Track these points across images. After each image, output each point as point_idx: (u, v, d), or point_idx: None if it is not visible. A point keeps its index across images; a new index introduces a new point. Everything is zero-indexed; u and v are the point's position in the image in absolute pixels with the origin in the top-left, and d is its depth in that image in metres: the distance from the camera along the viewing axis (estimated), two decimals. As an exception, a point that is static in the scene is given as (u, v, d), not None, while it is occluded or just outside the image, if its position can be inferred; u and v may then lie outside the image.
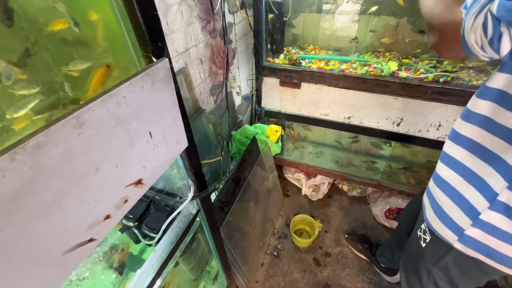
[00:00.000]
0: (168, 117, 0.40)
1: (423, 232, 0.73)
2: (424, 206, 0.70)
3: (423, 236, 0.72)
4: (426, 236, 0.71)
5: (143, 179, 0.38)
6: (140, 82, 0.32)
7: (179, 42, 0.97)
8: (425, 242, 0.71)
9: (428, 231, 0.69)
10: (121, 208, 0.35)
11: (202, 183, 0.62)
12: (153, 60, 0.37)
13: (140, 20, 0.34)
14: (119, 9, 0.32)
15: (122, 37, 0.34)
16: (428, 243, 0.70)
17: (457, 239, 0.60)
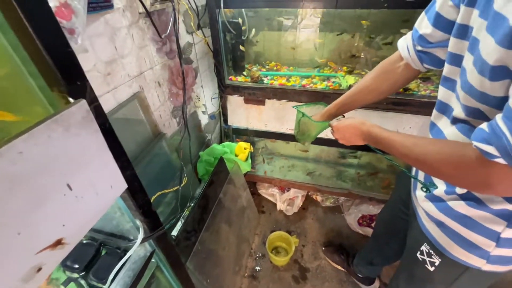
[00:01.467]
0: (95, 163, 0.35)
1: (427, 255, 0.66)
2: (430, 233, 0.64)
3: (429, 259, 0.66)
4: (433, 259, 0.65)
5: (63, 238, 0.32)
6: (45, 132, 0.28)
7: (131, 66, 0.92)
8: (434, 265, 0.65)
9: (437, 254, 0.63)
10: (33, 280, 0.29)
11: (155, 221, 0.57)
12: (70, 101, 0.33)
13: (48, 62, 0.29)
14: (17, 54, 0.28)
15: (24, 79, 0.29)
16: (438, 267, 0.65)
17: (485, 262, 0.56)
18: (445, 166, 0.46)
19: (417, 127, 1.19)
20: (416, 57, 0.64)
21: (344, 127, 0.70)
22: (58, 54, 0.31)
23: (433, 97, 1.12)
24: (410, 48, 0.65)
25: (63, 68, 0.31)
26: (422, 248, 0.68)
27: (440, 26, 0.57)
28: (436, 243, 0.63)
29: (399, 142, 0.53)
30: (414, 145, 0.50)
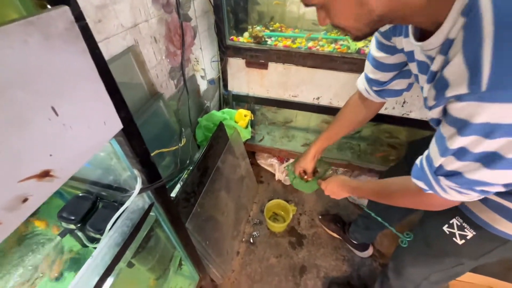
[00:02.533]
0: (84, 89, 0.31)
1: (457, 228, 0.65)
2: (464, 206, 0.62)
3: (460, 232, 0.65)
4: (466, 232, 0.63)
5: (52, 170, 0.29)
6: (20, 34, 0.23)
7: (124, 15, 0.84)
8: (465, 238, 0.64)
9: (472, 226, 0.61)
10: (18, 210, 0.26)
11: (153, 173, 0.54)
12: (50, 11, 0.27)
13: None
14: None
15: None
16: (470, 240, 0.63)
17: None
18: (401, 199, 0.62)
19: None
20: (376, 95, 0.73)
21: (332, 186, 0.85)
22: None
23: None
24: (368, 89, 0.73)
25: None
26: (452, 221, 0.65)
27: (383, 68, 0.65)
28: (475, 217, 0.60)
29: (370, 189, 0.71)
30: (380, 188, 0.67)
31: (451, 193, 0.46)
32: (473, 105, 0.34)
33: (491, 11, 0.32)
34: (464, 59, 0.35)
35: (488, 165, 0.38)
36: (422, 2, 0.38)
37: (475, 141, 0.37)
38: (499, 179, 0.39)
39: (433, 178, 0.47)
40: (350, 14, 0.42)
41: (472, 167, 0.40)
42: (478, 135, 0.36)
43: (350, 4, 0.40)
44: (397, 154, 1.57)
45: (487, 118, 0.34)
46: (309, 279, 1.30)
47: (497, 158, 0.37)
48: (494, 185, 0.41)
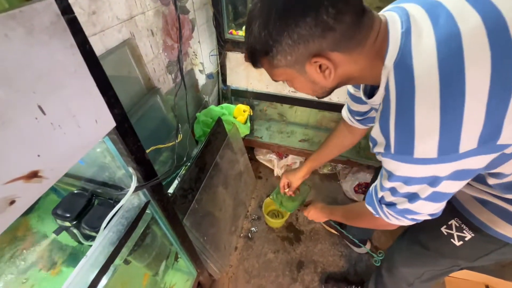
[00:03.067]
0: (73, 87, 0.30)
1: (456, 229, 0.65)
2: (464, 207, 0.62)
3: (458, 233, 0.65)
4: (464, 234, 0.63)
5: (40, 171, 0.28)
6: (0, 28, 0.21)
7: (119, 7, 0.82)
8: (463, 240, 0.64)
9: (471, 228, 0.62)
10: (5, 213, 0.25)
11: (149, 171, 0.53)
12: (35, 4, 0.26)
13: None
14: None
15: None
16: (468, 241, 0.63)
17: None
18: (362, 221, 0.70)
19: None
20: (359, 124, 0.78)
21: (313, 213, 0.95)
22: None
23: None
24: (351, 119, 0.79)
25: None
26: (450, 223, 0.65)
27: (360, 101, 0.69)
28: (474, 219, 0.60)
29: (341, 213, 0.82)
30: (346, 213, 0.80)
31: (391, 218, 0.56)
32: (392, 162, 0.44)
33: (394, 91, 0.41)
34: (379, 127, 0.44)
35: (411, 200, 0.49)
36: (360, 73, 0.46)
37: (399, 185, 0.48)
38: (421, 209, 0.50)
39: (378, 205, 0.57)
40: (308, 89, 0.51)
41: (401, 201, 0.51)
42: (400, 182, 0.47)
43: (306, 84, 0.49)
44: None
45: (404, 173, 0.44)
46: (307, 274, 1.31)
47: (416, 196, 0.48)
48: (420, 213, 0.52)
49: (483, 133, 0.36)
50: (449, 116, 0.36)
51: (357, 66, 0.45)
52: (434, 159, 0.39)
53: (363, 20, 0.41)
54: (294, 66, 0.45)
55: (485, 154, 0.39)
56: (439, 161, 0.39)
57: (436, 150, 0.38)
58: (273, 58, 0.44)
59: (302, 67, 0.45)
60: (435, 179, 0.42)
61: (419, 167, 0.41)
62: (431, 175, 0.42)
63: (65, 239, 0.68)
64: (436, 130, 0.37)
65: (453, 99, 0.35)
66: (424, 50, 0.38)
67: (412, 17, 0.41)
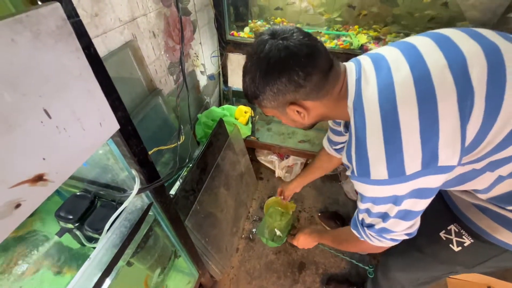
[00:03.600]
0: (78, 90, 0.30)
1: (455, 235, 0.65)
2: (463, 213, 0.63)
3: (457, 239, 0.65)
4: (463, 240, 0.63)
5: (45, 174, 0.28)
6: (6, 33, 0.21)
7: (122, 8, 0.82)
8: (462, 245, 0.64)
9: (470, 234, 0.62)
10: (11, 216, 0.26)
11: (151, 173, 0.53)
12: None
13: None
14: None
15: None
16: (467, 247, 0.63)
17: None
18: (349, 245, 0.71)
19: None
20: (336, 152, 0.89)
21: (302, 240, 0.94)
22: None
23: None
24: (329, 148, 0.90)
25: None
26: (449, 228, 0.66)
27: (339, 133, 0.80)
28: (474, 226, 0.60)
29: (330, 238, 0.82)
30: (334, 237, 0.80)
31: (373, 240, 0.60)
32: (359, 184, 0.51)
33: (354, 126, 0.49)
34: (346, 155, 0.53)
35: (384, 220, 0.54)
36: (332, 113, 0.57)
37: (370, 206, 0.54)
38: (395, 228, 0.54)
39: (361, 228, 0.61)
40: (291, 124, 0.62)
41: (377, 221, 0.56)
42: (369, 202, 0.53)
43: (289, 121, 0.61)
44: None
45: (370, 193, 0.51)
46: (308, 276, 1.31)
47: (387, 216, 0.53)
48: (395, 232, 0.55)
49: (424, 158, 0.43)
50: (391, 145, 0.44)
51: (328, 108, 0.55)
52: (386, 180, 0.46)
53: (330, 75, 0.51)
54: (277, 108, 0.56)
55: (433, 174, 0.45)
56: (392, 182, 0.46)
57: (386, 173, 0.46)
58: (261, 102, 0.56)
59: (284, 110, 0.56)
60: (396, 198, 0.49)
61: (379, 188, 0.48)
62: (391, 195, 0.48)
63: (67, 241, 0.68)
64: (383, 156, 0.45)
65: (391, 133, 0.44)
66: (370, 94, 0.47)
67: (363, 67, 0.51)
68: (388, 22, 1.23)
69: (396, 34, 1.20)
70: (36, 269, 0.59)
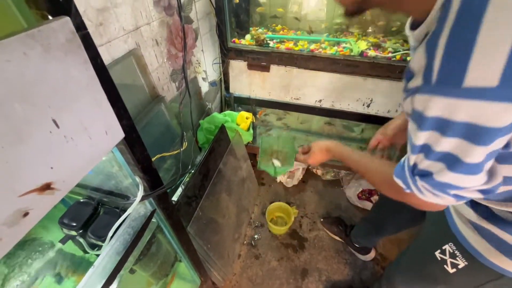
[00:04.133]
0: (85, 100, 0.31)
1: (450, 256, 0.61)
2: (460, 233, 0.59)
3: (452, 260, 0.61)
4: (457, 261, 0.60)
5: (52, 182, 0.29)
6: (19, 47, 0.22)
7: (126, 18, 0.84)
8: (456, 267, 0.60)
9: (464, 256, 0.58)
10: (19, 225, 0.26)
11: (155, 180, 0.53)
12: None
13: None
14: None
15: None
16: (462, 270, 0.59)
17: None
18: (383, 185, 0.58)
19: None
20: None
21: (315, 155, 0.81)
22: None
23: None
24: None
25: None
26: (444, 247, 0.62)
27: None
28: (468, 246, 0.57)
29: (354, 160, 0.66)
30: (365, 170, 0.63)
31: (427, 194, 0.45)
32: (426, 98, 0.35)
33: (458, 6, 0.31)
34: (425, 49, 0.35)
35: (450, 167, 0.38)
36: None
37: (432, 136, 0.37)
38: (466, 183, 0.39)
39: (410, 177, 0.46)
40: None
41: (438, 167, 0.40)
42: (433, 129, 0.36)
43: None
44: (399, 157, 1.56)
45: (438, 112, 0.34)
46: (311, 283, 1.30)
47: (456, 161, 0.37)
48: (465, 188, 0.40)
49: None
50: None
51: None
52: (490, 90, 0.30)
53: None
54: None
55: None
56: (496, 96, 0.30)
57: (498, 76, 0.29)
58: None
59: None
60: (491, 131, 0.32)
61: (465, 103, 0.31)
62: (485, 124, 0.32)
63: (69, 247, 0.68)
64: (505, 50, 0.28)
65: None
66: None
67: None
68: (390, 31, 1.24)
69: (396, 41, 1.21)
70: (39, 276, 0.59)
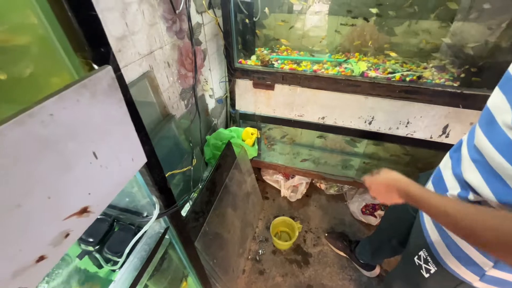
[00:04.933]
0: (118, 133, 0.35)
1: (423, 261, 0.65)
2: (429, 238, 0.63)
3: (425, 265, 0.65)
4: (429, 267, 0.64)
5: (89, 206, 0.32)
6: (74, 96, 0.27)
7: (141, 44, 0.90)
8: (429, 272, 0.64)
9: (434, 262, 0.62)
10: (61, 245, 0.30)
11: (169, 199, 0.57)
12: (94, 68, 0.32)
13: (72, 22, 0.28)
14: (42, 9, 0.27)
15: (51, 43, 0.28)
16: (433, 275, 0.64)
17: (478, 279, 0.55)
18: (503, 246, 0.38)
19: (429, 117, 1.17)
20: None
21: (378, 184, 0.63)
22: (83, 16, 0.29)
23: (447, 86, 1.10)
24: None
25: (88, 31, 0.30)
26: (420, 253, 0.67)
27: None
28: (434, 250, 0.61)
29: (442, 208, 0.46)
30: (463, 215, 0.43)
31: None
32: None
33: None
34: None
35: None
36: None
37: None
38: None
39: None
40: None
41: None
42: None
43: None
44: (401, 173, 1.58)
45: None
46: (316, 299, 1.29)
47: None
48: None
49: None
50: None
51: None
52: None
53: None
54: None
55: None
56: None
57: None
58: None
59: None
60: None
61: None
62: None
63: (83, 263, 0.71)
64: None
65: None
66: None
67: None
68: (385, 49, 1.30)
69: (395, 61, 1.27)
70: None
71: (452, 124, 1.16)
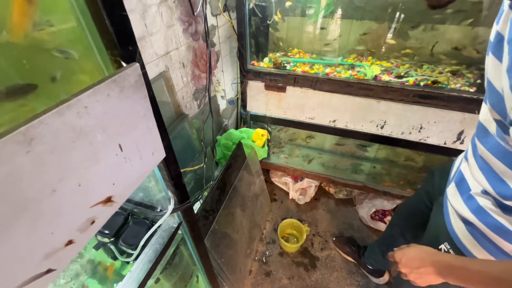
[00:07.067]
0: (141, 127, 0.37)
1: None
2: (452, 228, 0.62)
3: None
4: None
5: (113, 196, 0.34)
6: (105, 90, 0.29)
7: (159, 44, 0.93)
8: None
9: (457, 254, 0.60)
10: (87, 231, 0.31)
11: (183, 194, 0.58)
12: (122, 65, 0.33)
13: (106, 21, 0.30)
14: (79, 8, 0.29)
15: (85, 40, 0.30)
16: None
17: None
18: None
19: (443, 122, 1.15)
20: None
21: (410, 259, 0.57)
22: (115, 15, 0.31)
23: (462, 91, 1.08)
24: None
25: (119, 30, 0.32)
26: (440, 247, 0.66)
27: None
28: (459, 243, 0.60)
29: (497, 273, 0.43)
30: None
31: None
32: None
33: None
34: None
35: None
36: None
37: None
38: None
39: None
40: None
41: None
42: None
43: None
44: (413, 178, 1.56)
45: None
46: (322, 304, 1.28)
47: None
48: None
49: None
50: None
51: None
52: None
53: None
54: None
55: None
56: None
57: None
58: None
59: None
60: None
61: None
62: None
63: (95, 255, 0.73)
64: None
65: None
66: None
67: None
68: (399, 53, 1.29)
69: (410, 65, 1.26)
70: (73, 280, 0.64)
71: (467, 130, 1.14)
